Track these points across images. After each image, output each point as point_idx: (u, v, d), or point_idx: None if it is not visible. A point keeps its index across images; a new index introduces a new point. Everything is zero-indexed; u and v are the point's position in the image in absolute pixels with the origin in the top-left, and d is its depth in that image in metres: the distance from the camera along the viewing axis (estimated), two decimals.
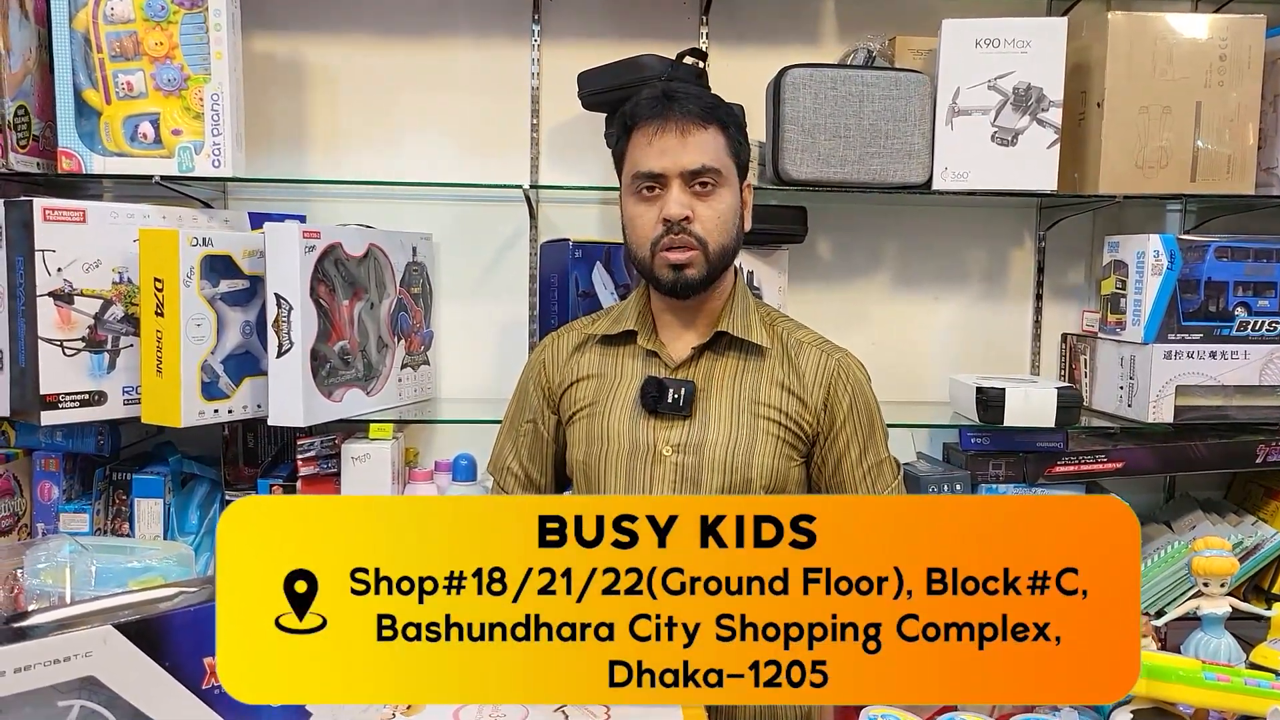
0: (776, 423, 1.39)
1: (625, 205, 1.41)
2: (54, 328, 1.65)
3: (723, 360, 1.42)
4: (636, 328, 1.45)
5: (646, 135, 1.36)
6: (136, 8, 1.73)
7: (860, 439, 1.44)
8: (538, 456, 1.54)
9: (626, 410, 1.41)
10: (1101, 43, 1.84)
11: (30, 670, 0.71)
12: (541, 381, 1.52)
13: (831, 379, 1.42)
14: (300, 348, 1.69)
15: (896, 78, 1.82)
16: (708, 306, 1.43)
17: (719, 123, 1.38)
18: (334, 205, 2.07)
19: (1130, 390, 1.90)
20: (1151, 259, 1.84)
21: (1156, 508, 2.19)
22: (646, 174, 1.36)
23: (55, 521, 1.84)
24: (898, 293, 2.20)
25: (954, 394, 2.02)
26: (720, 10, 2.09)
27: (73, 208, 1.66)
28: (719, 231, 1.37)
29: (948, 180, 1.84)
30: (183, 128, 1.77)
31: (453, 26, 2.09)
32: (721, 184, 1.37)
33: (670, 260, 1.35)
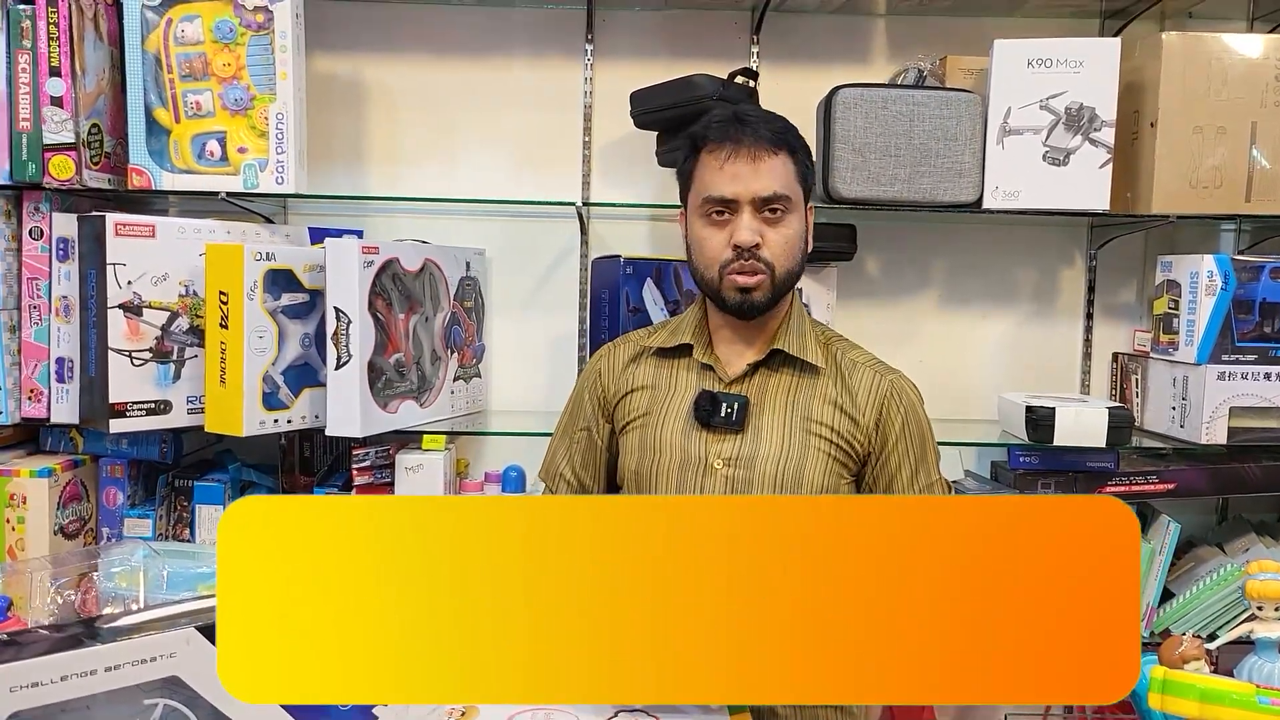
0: (828, 440, 1.41)
1: (693, 227, 1.42)
2: (123, 339, 1.71)
3: (777, 377, 1.44)
4: (693, 341, 1.46)
5: (718, 159, 1.37)
6: (206, 30, 1.79)
7: (912, 460, 1.44)
8: (590, 464, 1.56)
9: (680, 422, 1.43)
10: (1155, 63, 1.84)
11: (119, 670, 0.74)
12: (597, 391, 1.54)
13: (884, 399, 1.43)
14: (358, 360, 1.73)
15: (947, 97, 1.83)
16: (766, 326, 1.45)
17: (788, 148, 1.39)
18: (391, 221, 2.12)
19: (1183, 411, 1.89)
20: (1205, 279, 1.83)
21: (1209, 530, 2.17)
22: (719, 199, 1.37)
23: (120, 526, 1.90)
24: (946, 311, 2.20)
25: (1003, 412, 2.01)
26: (771, 30, 2.12)
27: (143, 223, 1.72)
28: (786, 257, 1.38)
29: (998, 199, 1.84)
30: (248, 146, 1.83)
31: (508, 46, 2.14)
32: (791, 210, 1.38)
33: (739, 284, 1.37)
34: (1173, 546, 1.94)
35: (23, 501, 1.78)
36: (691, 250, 1.44)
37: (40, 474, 1.78)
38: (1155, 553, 1.94)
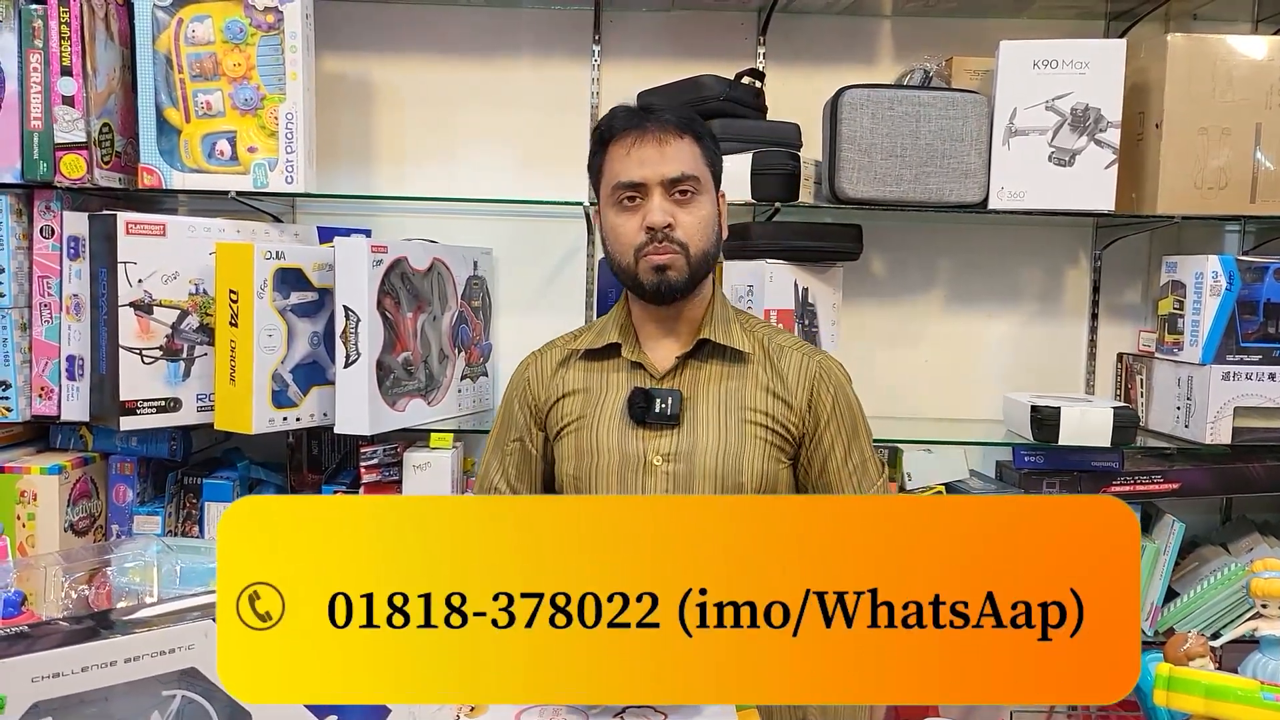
0: (764, 426, 1.41)
1: (606, 216, 1.43)
2: (134, 337, 1.72)
3: (706, 368, 1.44)
4: (620, 340, 1.46)
5: (624, 146, 1.39)
6: (217, 30, 1.80)
7: (844, 439, 1.45)
8: (525, 474, 1.53)
9: (614, 422, 1.42)
10: (1160, 64, 1.85)
11: (138, 661, 0.75)
12: (527, 399, 1.51)
13: (814, 381, 1.44)
14: (367, 358, 1.74)
15: (953, 98, 1.84)
16: (688, 315, 1.45)
17: (694, 133, 1.41)
18: (399, 220, 2.13)
19: (1187, 411, 1.90)
20: (1210, 280, 1.84)
21: (1213, 529, 2.17)
22: (628, 184, 1.38)
23: (129, 523, 1.91)
24: (952, 311, 2.21)
25: (1008, 412, 2.02)
26: (777, 31, 2.12)
27: (153, 221, 1.73)
28: (700, 237, 1.39)
29: (1004, 200, 1.85)
30: (258, 145, 1.84)
31: (515, 47, 2.15)
32: (701, 191, 1.40)
33: (654, 263, 1.37)
34: (1177, 546, 1.94)
35: (33, 498, 1.79)
36: (607, 241, 1.44)
37: (50, 471, 1.79)
38: (1160, 552, 1.95)
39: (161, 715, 0.79)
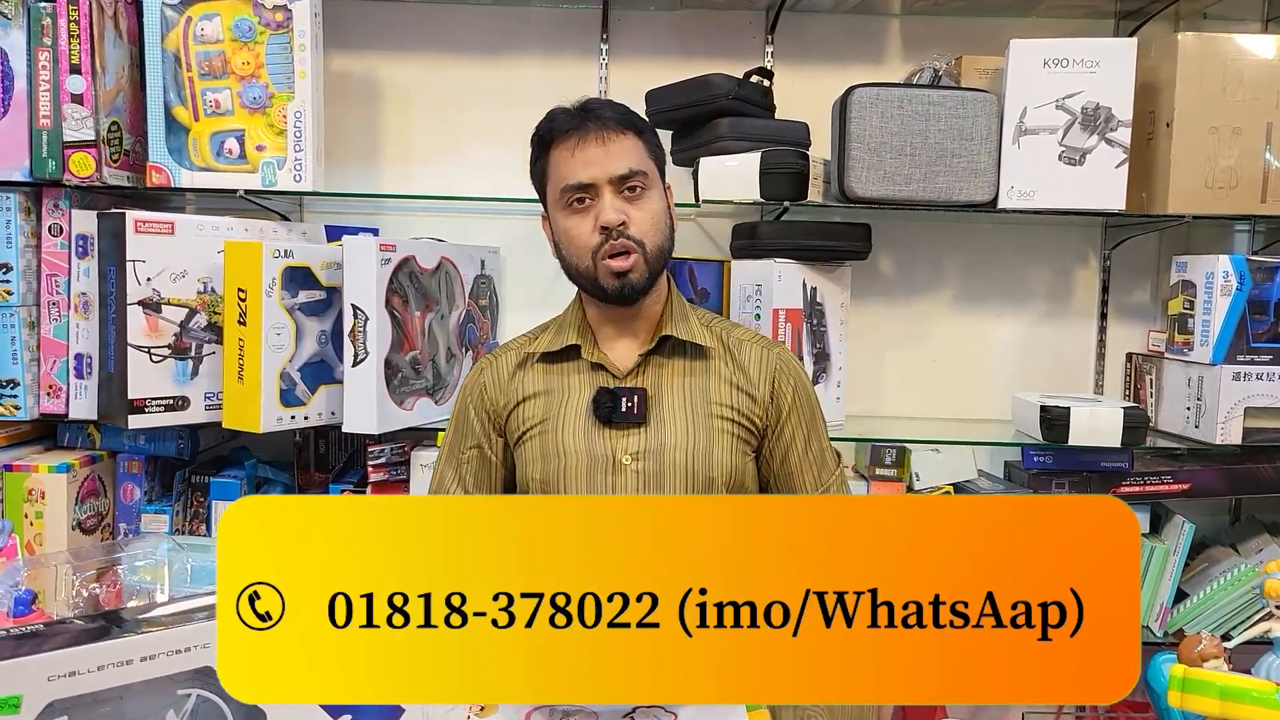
0: (730, 420, 1.41)
1: (556, 219, 1.43)
2: (142, 335, 1.72)
3: (669, 365, 1.44)
4: (579, 341, 1.45)
5: (568, 149, 1.39)
6: (225, 29, 1.80)
7: (804, 430, 1.46)
8: (484, 482, 1.51)
9: (580, 424, 1.41)
10: (1171, 63, 1.84)
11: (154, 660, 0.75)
12: (484, 405, 1.49)
13: (775, 372, 1.45)
14: (375, 357, 1.74)
15: (963, 97, 1.83)
16: (647, 313, 1.45)
17: (635, 129, 1.41)
18: (406, 219, 2.13)
19: (1198, 411, 1.89)
20: (1221, 279, 1.83)
21: (1222, 530, 2.17)
22: (576, 185, 1.37)
23: (137, 522, 1.91)
24: (960, 310, 2.20)
25: (1017, 412, 2.01)
26: (785, 30, 2.12)
27: (162, 220, 1.73)
28: (655, 232, 1.39)
29: (1014, 199, 1.84)
30: (266, 143, 1.83)
31: (523, 46, 2.14)
32: (649, 186, 1.40)
33: (614, 268, 1.37)
34: (1187, 547, 1.94)
35: (41, 497, 1.79)
36: (560, 245, 1.43)
37: (59, 469, 1.79)
38: (1169, 553, 1.94)
39: (176, 714, 0.79)
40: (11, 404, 1.80)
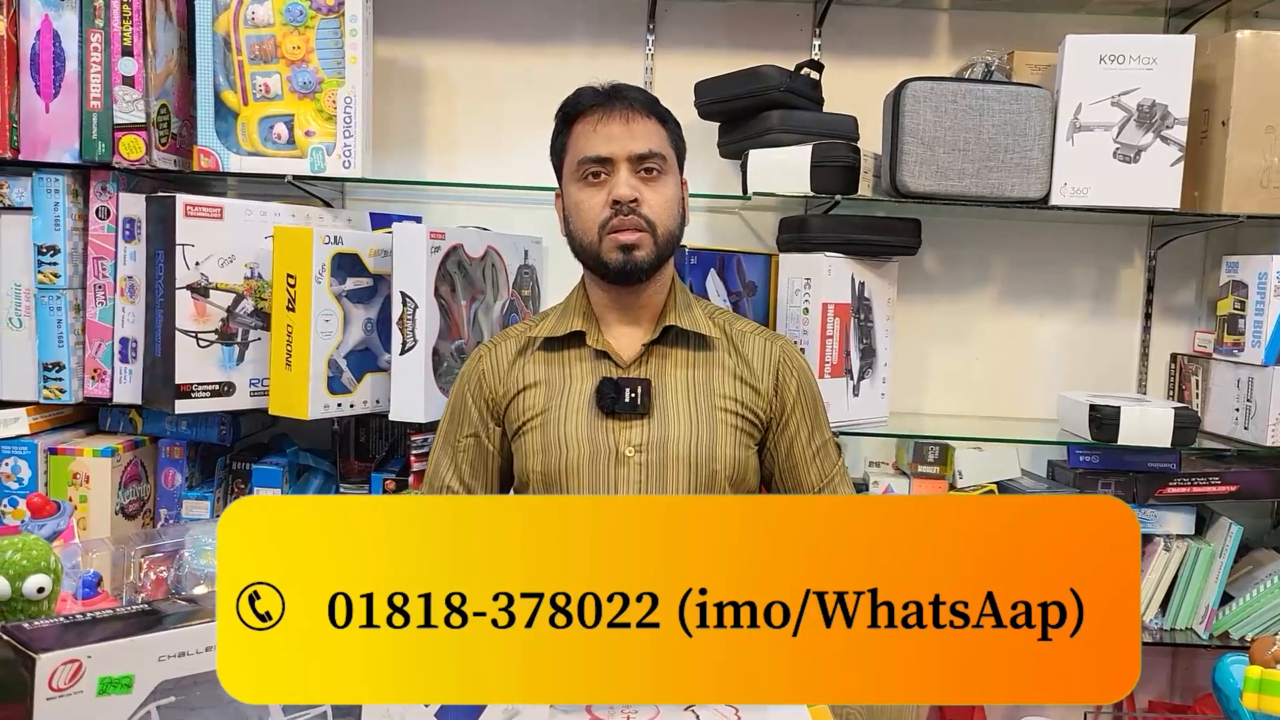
0: (734, 413, 1.42)
1: (569, 192, 1.43)
2: (190, 320, 1.71)
3: (673, 355, 1.43)
4: (583, 328, 1.44)
5: (591, 123, 1.39)
6: (276, 12, 1.79)
7: (809, 421, 1.47)
8: (481, 471, 1.49)
9: (582, 414, 1.40)
10: (1228, 61, 1.82)
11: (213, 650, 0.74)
12: (482, 393, 1.48)
13: (779, 365, 1.46)
14: (423, 345, 1.73)
15: (1017, 92, 1.82)
16: (650, 301, 1.44)
17: (659, 115, 1.42)
18: (448, 207, 2.12)
19: (1247, 412, 1.88)
20: (1274, 280, 1.82)
21: (1265, 533, 2.15)
22: (594, 158, 1.38)
23: (178, 508, 1.90)
24: (1004, 308, 2.19)
25: (1063, 411, 2.00)
26: (834, 23, 2.11)
27: (211, 204, 1.72)
28: (666, 215, 1.39)
29: (1067, 196, 1.83)
30: (315, 129, 1.82)
31: (568, 34, 2.13)
32: (667, 170, 1.40)
33: (620, 241, 1.36)
34: (1235, 549, 1.93)
35: (85, 481, 1.78)
36: (570, 217, 1.43)
37: (103, 454, 1.78)
38: (1216, 555, 1.93)
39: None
40: (56, 387, 1.79)
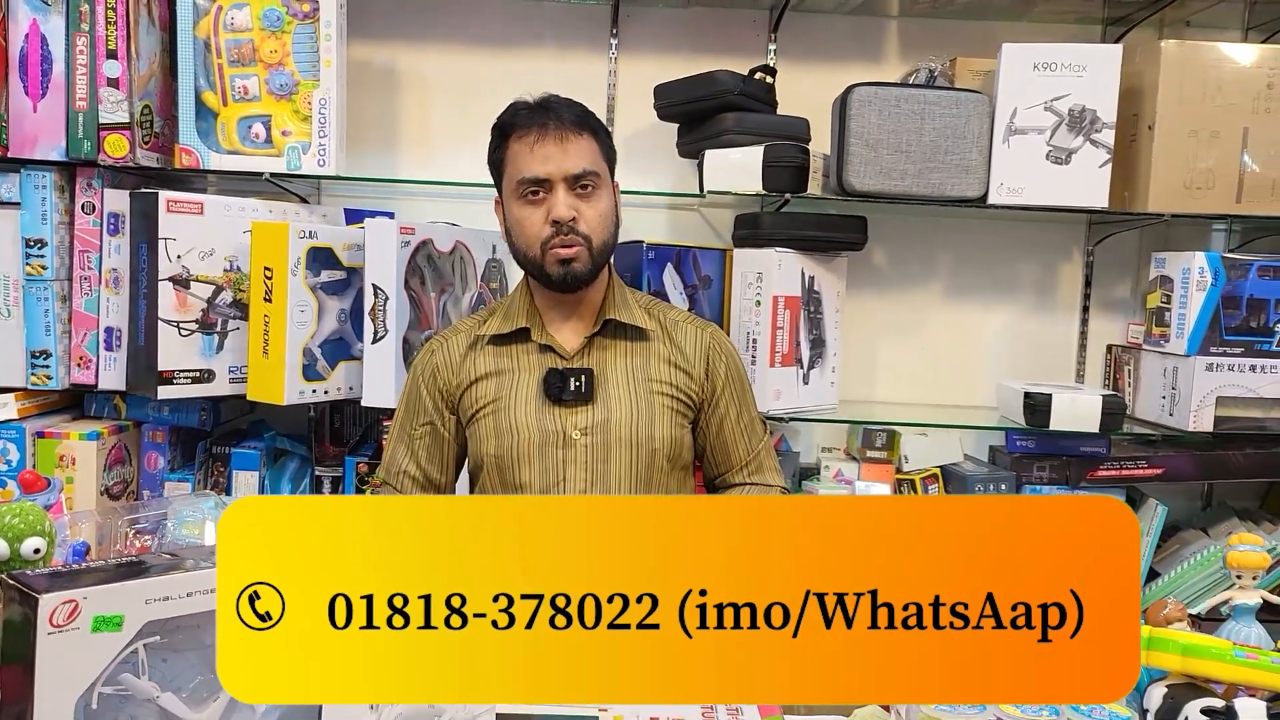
0: (670, 396, 1.56)
1: (511, 209, 1.54)
2: (172, 310, 1.80)
3: (612, 346, 1.57)
4: (528, 325, 1.56)
5: (527, 144, 1.49)
6: (254, 17, 1.88)
7: (737, 401, 1.63)
8: (437, 458, 1.61)
9: (531, 402, 1.53)
10: (1154, 69, 1.94)
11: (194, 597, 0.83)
12: (436, 384, 1.59)
13: (709, 351, 1.61)
14: (394, 335, 1.83)
15: (957, 97, 1.92)
16: (590, 298, 1.57)
17: (591, 130, 1.53)
18: (421, 203, 2.21)
19: (1172, 400, 2.00)
20: (1197, 275, 1.93)
21: (1194, 515, 2.27)
22: (532, 179, 1.49)
23: (160, 489, 1.99)
24: (949, 302, 2.30)
25: (1001, 399, 2.12)
26: (788, 29, 2.21)
27: (192, 200, 1.81)
28: (601, 229, 1.52)
29: (1003, 195, 1.94)
30: (291, 129, 1.92)
31: (537, 38, 2.23)
32: (600, 185, 1.52)
33: (560, 256, 1.49)
34: (1159, 529, 2.04)
35: (71, 463, 1.87)
36: (512, 232, 1.55)
37: (89, 437, 1.87)
38: (1143, 534, 2.04)
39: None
40: (44, 374, 1.88)
